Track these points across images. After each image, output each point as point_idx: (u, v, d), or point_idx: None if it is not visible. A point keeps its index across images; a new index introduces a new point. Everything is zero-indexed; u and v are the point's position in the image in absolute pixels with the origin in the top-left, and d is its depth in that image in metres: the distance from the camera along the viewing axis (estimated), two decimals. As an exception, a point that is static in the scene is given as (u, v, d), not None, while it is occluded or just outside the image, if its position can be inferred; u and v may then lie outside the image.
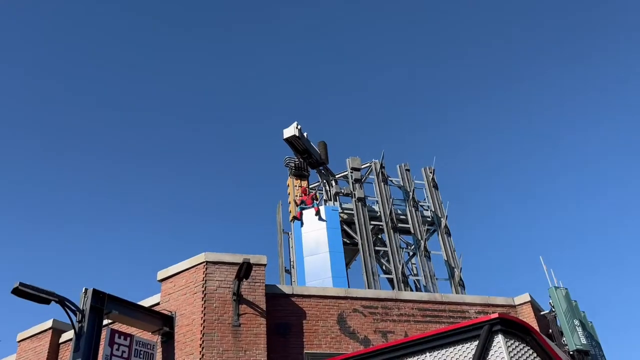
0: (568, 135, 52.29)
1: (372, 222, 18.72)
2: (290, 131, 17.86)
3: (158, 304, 11.58)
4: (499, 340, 9.08)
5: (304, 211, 17.59)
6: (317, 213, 17.33)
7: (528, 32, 54.52)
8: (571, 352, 12.58)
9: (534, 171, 52.79)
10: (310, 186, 19.52)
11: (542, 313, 13.87)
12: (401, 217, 19.37)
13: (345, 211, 18.85)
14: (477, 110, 56.16)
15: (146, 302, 11.73)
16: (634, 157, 46.76)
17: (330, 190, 19.63)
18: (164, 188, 54.98)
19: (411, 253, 19.39)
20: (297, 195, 18.23)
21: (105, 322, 10.16)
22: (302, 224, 17.42)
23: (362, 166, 19.99)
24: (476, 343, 9.17)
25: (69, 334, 12.63)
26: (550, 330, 13.39)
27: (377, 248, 18.40)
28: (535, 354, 9.04)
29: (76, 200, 51.04)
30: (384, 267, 18.45)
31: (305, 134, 18.27)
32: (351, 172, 19.53)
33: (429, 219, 19.71)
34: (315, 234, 17.16)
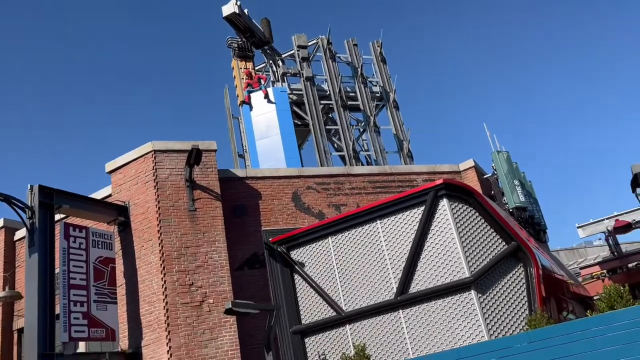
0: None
1: (322, 102, 18.60)
2: (229, 8, 16.80)
3: (110, 195, 11.51)
4: (444, 204, 9.68)
5: (252, 94, 17.19)
6: (266, 96, 16.99)
7: None
8: (511, 210, 13.58)
9: (479, 38, 52.67)
10: (255, 68, 18.90)
11: (485, 176, 14.68)
12: (350, 94, 19.32)
13: (294, 92, 18.55)
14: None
15: (98, 195, 11.64)
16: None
17: (277, 71, 19.09)
18: (104, 75, 52.14)
19: (361, 129, 19.65)
20: (243, 79, 17.67)
21: (58, 217, 10.08)
22: (251, 107, 17.12)
23: (309, 43, 19.34)
24: (423, 208, 9.76)
25: (23, 232, 12.54)
26: (493, 192, 14.29)
27: (327, 127, 18.50)
28: (477, 213, 9.73)
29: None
30: (335, 145, 18.74)
31: (246, 11, 17.26)
32: (298, 51, 18.92)
33: (377, 95, 19.75)
34: (265, 117, 16.96)
